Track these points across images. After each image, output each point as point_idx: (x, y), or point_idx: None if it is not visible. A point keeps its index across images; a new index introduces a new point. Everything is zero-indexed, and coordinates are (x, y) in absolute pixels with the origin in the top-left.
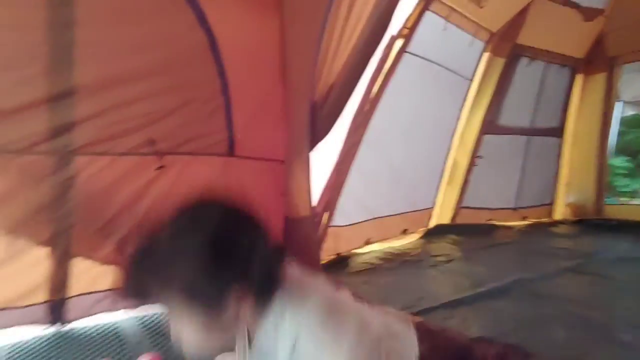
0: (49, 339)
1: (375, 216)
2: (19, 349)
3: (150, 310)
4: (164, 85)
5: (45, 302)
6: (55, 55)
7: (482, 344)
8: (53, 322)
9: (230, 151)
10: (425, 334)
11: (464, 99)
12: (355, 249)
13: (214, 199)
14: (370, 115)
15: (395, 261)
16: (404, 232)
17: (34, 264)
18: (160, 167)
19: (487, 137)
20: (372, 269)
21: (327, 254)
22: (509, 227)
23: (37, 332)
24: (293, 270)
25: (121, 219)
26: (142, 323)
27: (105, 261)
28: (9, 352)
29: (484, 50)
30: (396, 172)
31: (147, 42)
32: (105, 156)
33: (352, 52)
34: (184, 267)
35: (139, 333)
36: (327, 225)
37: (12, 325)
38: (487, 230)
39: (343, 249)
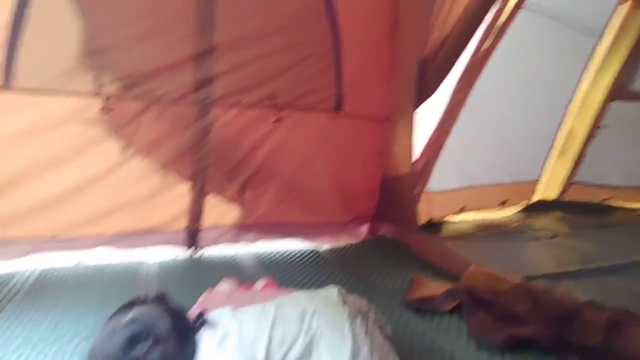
0: (186, 260)
1: (473, 184)
2: (166, 266)
3: (266, 249)
4: (284, 43)
5: (185, 229)
6: (200, 18)
7: (592, 308)
8: (189, 246)
9: (338, 107)
10: (526, 294)
11: (589, 60)
12: (449, 215)
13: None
14: (477, 74)
15: (491, 231)
16: (503, 203)
17: (179, 196)
18: (278, 120)
19: (615, 103)
20: (466, 236)
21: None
22: (633, 210)
23: (178, 253)
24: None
25: (244, 165)
26: (258, 257)
27: (230, 200)
28: (159, 267)
29: (621, 1)
30: (499, 139)
31: (272, 3)
32: (235, 108)
33: (469, 3)
34: None
35: (255, 265)
36: (423, 189)
37: (161, 244)
38: (602, 210)
39: (436, 215)
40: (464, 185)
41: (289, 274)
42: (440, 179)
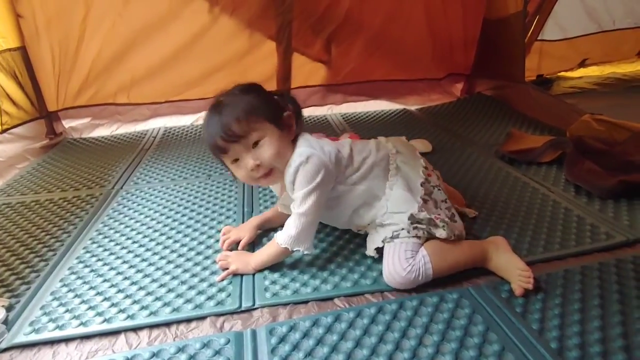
0: None
1: (603, 29)
2: None
3: (354, 110)
4: None
5: (276, 91)
6: None
7: None
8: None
9: None
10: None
11: None
12: (564, 71)
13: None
14: None
15: (618, 86)
16: None
17: (266, 55)
18: None
19: None
20: (582, 93)
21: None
22: None
23: None
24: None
25: (328, 16)
26: (346, 118)
27: (316, 58)
28: None
29: None
30: None
31: None
32: None
33: None
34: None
35: (344, 124)
36: (536, 37)
37: None
38: None
39: (547, 71)
40: (590, 31)
41: (379, 132)
42: (559, 26)
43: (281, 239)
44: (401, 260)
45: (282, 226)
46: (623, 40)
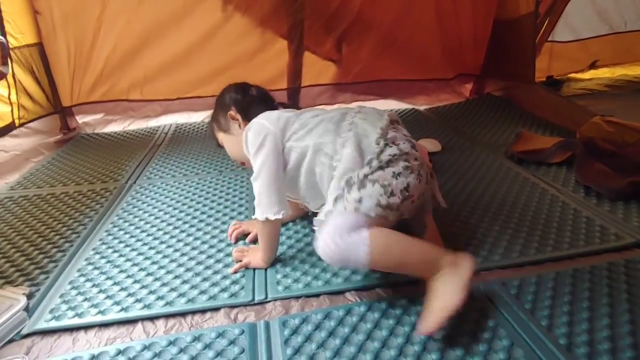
0: None
1: (614, 31)
2: None
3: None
4: None
5: (286, 88)
6: None
7: None
8: (292, 106)
9: None
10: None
11: None
12: (575, 72)
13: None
14: None
15: (628, 89)
16: None
17: (278, 54)
18: None
19: None
20: (592, 94)
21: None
22: None
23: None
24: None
25: (339, 15)
26: None
27: (327, 57)
28: None
29: None
30: None
31: None
32: None
33: None
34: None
35: None
36: (546, 38)
37: None
38: None
39: (557, 72)
40: (602, 32)
41: None
42: (569, 27)
43: (255, 214)
44: (337, 234)
45: (292, 220)
46: (634, 42)
